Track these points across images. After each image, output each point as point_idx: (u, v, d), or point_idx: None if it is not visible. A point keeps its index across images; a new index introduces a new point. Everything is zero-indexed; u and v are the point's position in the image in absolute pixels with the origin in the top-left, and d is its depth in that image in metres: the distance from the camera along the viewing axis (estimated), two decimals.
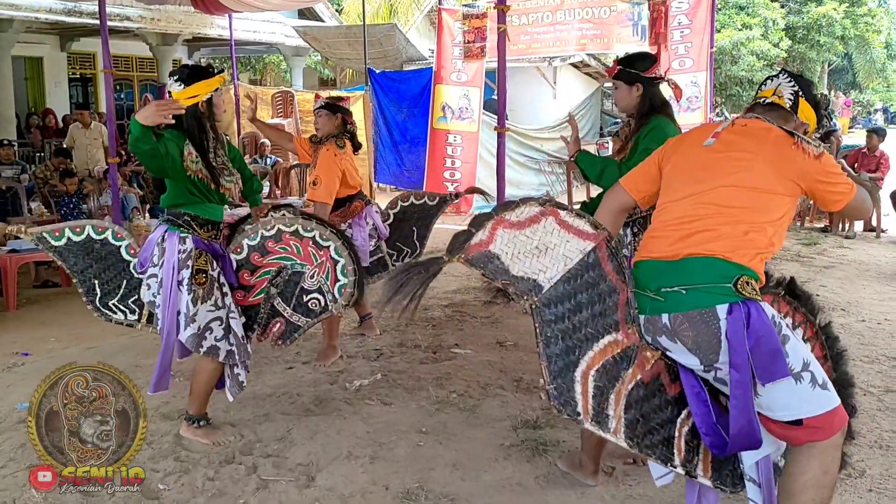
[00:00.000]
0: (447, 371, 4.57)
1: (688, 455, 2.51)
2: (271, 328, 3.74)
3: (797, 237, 9.39)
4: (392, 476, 3.25)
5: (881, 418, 3.85)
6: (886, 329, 5.45)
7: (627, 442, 2.43)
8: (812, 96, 2.60)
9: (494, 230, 2.31)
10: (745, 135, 2.50)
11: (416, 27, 18.89)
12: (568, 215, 2.38)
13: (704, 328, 2.30)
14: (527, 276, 2.34)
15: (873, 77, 31.23)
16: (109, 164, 7.08)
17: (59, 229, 3.60)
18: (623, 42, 11.00)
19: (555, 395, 2.34)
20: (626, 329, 2.43)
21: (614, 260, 2.42)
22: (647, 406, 2.46)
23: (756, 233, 2.37)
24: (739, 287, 2.30)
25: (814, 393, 2.28)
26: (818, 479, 2.30)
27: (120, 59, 16.70)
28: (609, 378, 2.40)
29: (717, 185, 2.42)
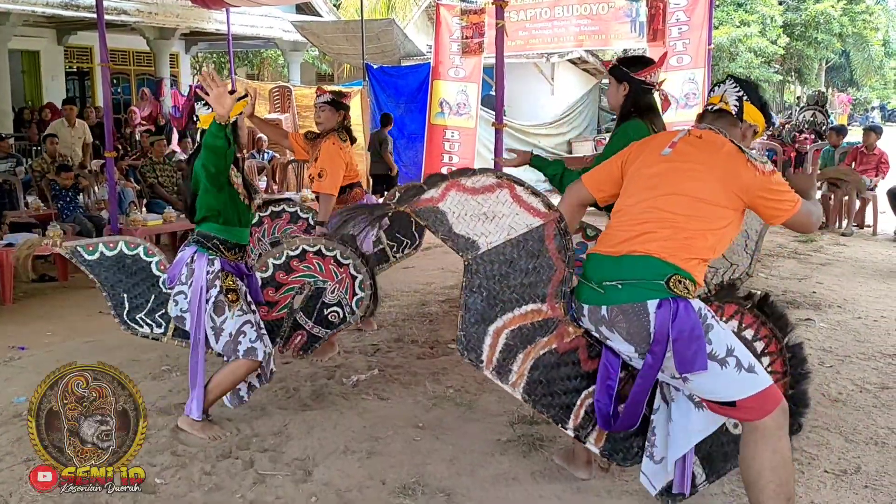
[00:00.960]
0: (444, 366, 4.58)
1: (583, 422, 2.75)
2: (293, 340, 3.97)
3: (794, 234, 9.39)
4: (388, 470, 3.25)
5: (877, 415, 3.86)
6: (882, 326, 5.46)
7: (524, 396, 2.67)
8: (758, 98, 2.73)
9: (448, 190, 2.50)
10: (699, 147, 2.63)
11: (413, 22, 18.86)
12: (523, 191, 2.54)
13: (636, 320, 2.48)
14: (467, 236, 2.53)
15: (871, 74, 31.28)
16: (106, 157, 7.05)
17: (92, 244, 3.75)
18: (621, 38, 11.00)
19: (462, 341, 2.60)
20: (552, 303, 2.63)
21: (560, 240, 2.59)
22: (554, 372, 2.68)
23: (695, 239, 2.51)
24: (671, 285, 2.46)
25: (740, 376, 2.44)
26: (770, 459, 2.43)
27: (117, 53, 16.64)
28: (522, 340, 2.62)
29: (666, 192, 2.57)
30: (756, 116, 2.73)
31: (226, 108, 3.24)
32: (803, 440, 3.49)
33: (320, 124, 4.83)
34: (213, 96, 3.23)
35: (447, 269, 7.42)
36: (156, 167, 9.16)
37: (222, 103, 3.23)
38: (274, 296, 3.83)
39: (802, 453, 3.38)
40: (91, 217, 7.73)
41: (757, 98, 2.73)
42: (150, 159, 9.31)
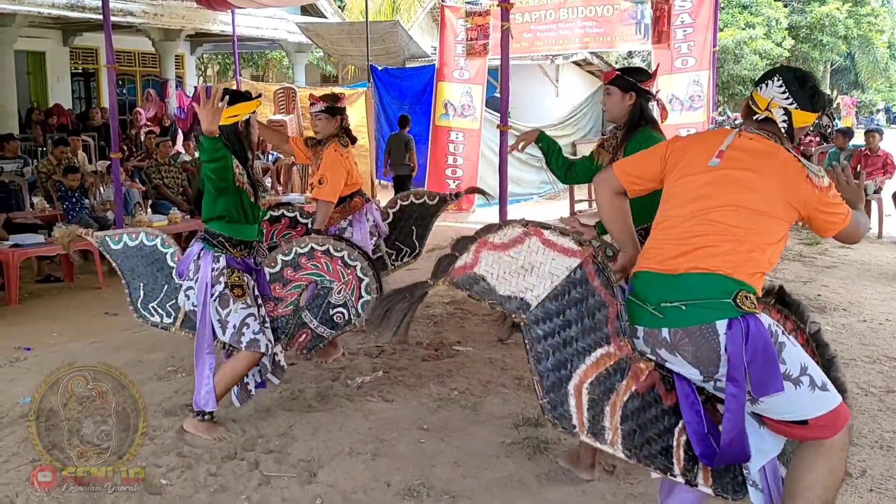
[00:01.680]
0: (449, 368, 4.58)
1: (687, 464, 2.52)
2: (297, 338, 3.96)
3: (799, 237, 9.39)
4: (394, 473, 3.26)
5: (882, 419, 3.85)
6: (888, 329, 5.45)
7: (625, 453, 2.46)
8: (808, 96, 2.52)
9: (479, 252, 2.40)
10: (752, 153, 2.46)
11: (418, 24, 18.87)
12: (551, 234, 2.44)
13: (704, 343, 2.31)
14: (514, 295, 2.41)
15: (876, 77, 31.21)
16: (112, 159, 7.08)
17: (118, 234, 3.84)
18: (626, 40, 11.00)
19: (549, 408, 2.40)
20: (618, 341, 2.46)
21: (602, 275, 2.46)
22: (643, 417, 2.48)
23: (758, 252, 2.38)
24: (739, 302, 2.30)
25: (814, 395, 2.30)
26: (823, 478, 2.32)
27: (122, 54, 16.68)
28: (603, 390, 2.44)
29: (723, 203, 2.40)
30: (806, 118, 2.53)
31: (213, 125, 3.28)
32: None
33: (318, 133, 4.79)
34: (206, 110, 3.25)
35: None
36: (161, 168, 9.18)
37: (211, 119, 3.26)
38: (281, 292, 3.85)
39: None
40: (97, 218, 7.74)
41: (807, 97, 2.51)
42: (156, 160, 9.33)
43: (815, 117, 2.55)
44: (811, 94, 2.51)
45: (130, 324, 5.51)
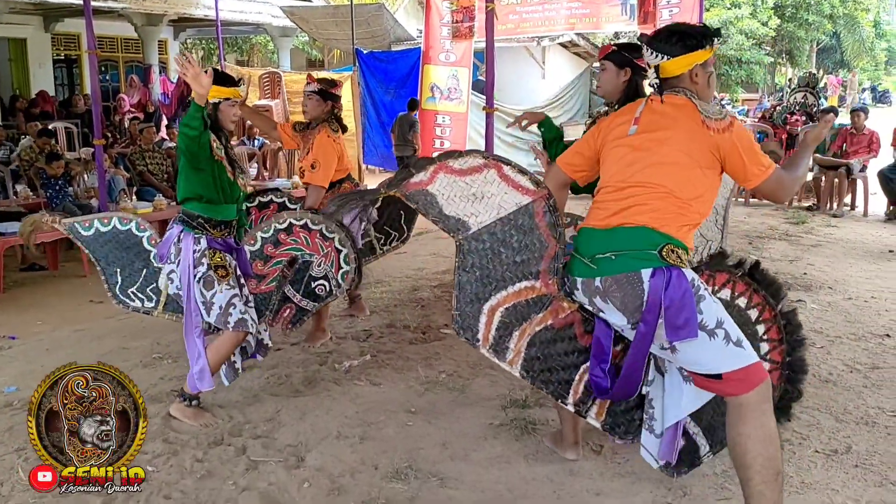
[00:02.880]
0: (436, 351, 4.58)
1: (583, 397, 2.77)
2: (282, 313, 4.00)
3: (785, 216, 9.43)
4: (381, 455, 3.25)
5: (867, 395, 3.87)
6: (873, 307, 5.48)
7: (521, 373, 2.71)
8: (672, 42, 2.61)
9: (436, 173, 2.55)
10: (663, 113, 2.63)
11: (404, 7, 18.75)
12: (511, 170, 2.59)
13: (630, 289, 2.50)
14: (458, 217, 2.59)
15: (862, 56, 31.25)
16: (95, 145, 7.01)
17: (88, 220, 3.79)
18: (612, 21, 10.98)
19: (458, 320, 2.64)
20: (546, 279, 2.66)
21: (550, 216, 2.62)
22: (551, 348, 2.71)
23: (685, 206, 2.54)
24: (664, 254, 2.49)
25: (727, 349, 2.46)
26: (756, 433, 2.45)
27: (105, 40, 16.52)
28: (517, 317, 2.65)
29: (646, 164, 2.58)
30: (686, 61, 2.61)
31: (204, 87, 3.28)
32: (794, 421, 3.50)
33: (306, 112, 4.77)
34: (189, 77, 3.26)
35: (439, 254, 7.41)
36: (145, 155, 9.10)
37: (200, 82, 3.26)
38: (263, 269, 3.84)
39: (793, 433, 3.40)
40: (81, 205, 7.67)
41: (670, 44, 2.62)
42: (140, 147, 9.25)
43: (699, 55, 2.60)
44: (676, 39, 2.62)
45: (115, 311, 5.46)
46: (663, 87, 2.67)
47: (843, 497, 2.91)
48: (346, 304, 5.41)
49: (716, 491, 2.95)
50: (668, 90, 2.65)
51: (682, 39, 2.62)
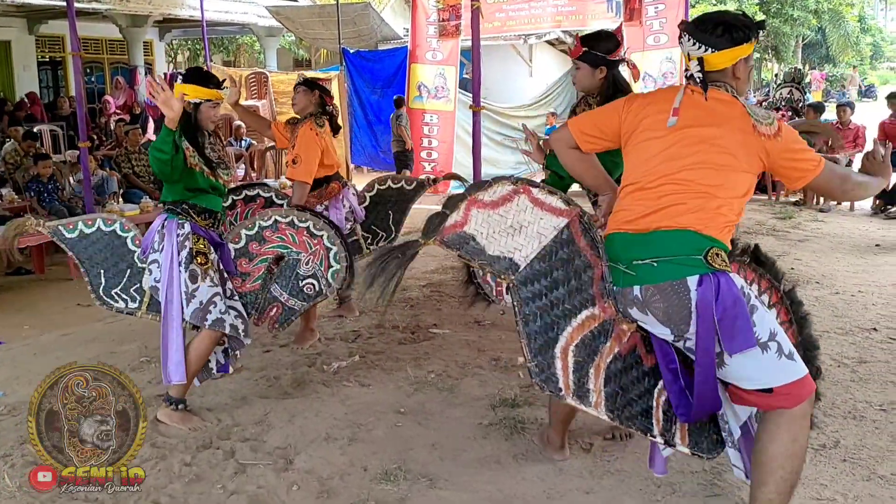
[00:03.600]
0: (425, 351, 4.57)
1: (665, 424, 2.56)
2: (268, 313, 3.90)
3: (772, 211, 9.46)
4: (370, 457, 3.24)
5: (855, 389, 3.89)
6: (860, 301, 5.51)
7: (608, 415, 2.47)
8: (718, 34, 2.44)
9: (469, 210, 2.35)
10: (707, 108, 2.45)
11: (390, 6, 18.70)
12: (540, 192, 2.41)
13: (675, 299, 2.34)
14: (503, 255, 2.38)
15: (847, 50, 31.40)
16: (80, 148, 6.97)
17: (72, 223, 3.75)
18: (598, 18, 11.01)
19: (536, 371, 2.39)
20: (602, 303, 2.46)
21: (588, 235, 2.45)
22: (625, 378, 2.50)
23: (726, 207, 2.39)
24: (710, 259, 2.33)
25: (780, 363, 2.33)
26: (788, 447, 2.35)
27: (90, 41, 16.40)
28: (588, 352, 2.44)
29: (688, 162, 2.41)
30: (732, 54, 2.45)
31: (175, 112, 3.23)
32: None
33: (295, 106, 4.78)
34: (160, 102, 3.22)
35: (428, 253, 7.36)
36: (131, 157, 9.06)
37: (170, 106, 3.22)
38: (247, 266, 3.79)
39: None
40: (69, 208, 7.64)
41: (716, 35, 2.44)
42: (126, 149, 9.21)
43: (745, 49, 2.46)
44: (722, 30, 2.44)
45: (103, 315, 5.44)
46: (706, 81, 2.47)
47: (831, 491, 2.92)
48: (335, 304, 5.40)
49: (705, 487, 2.95)
50: (711, 84, 2.47)
51: (729, 31, 2.44)
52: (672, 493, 2.92)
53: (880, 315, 5.14)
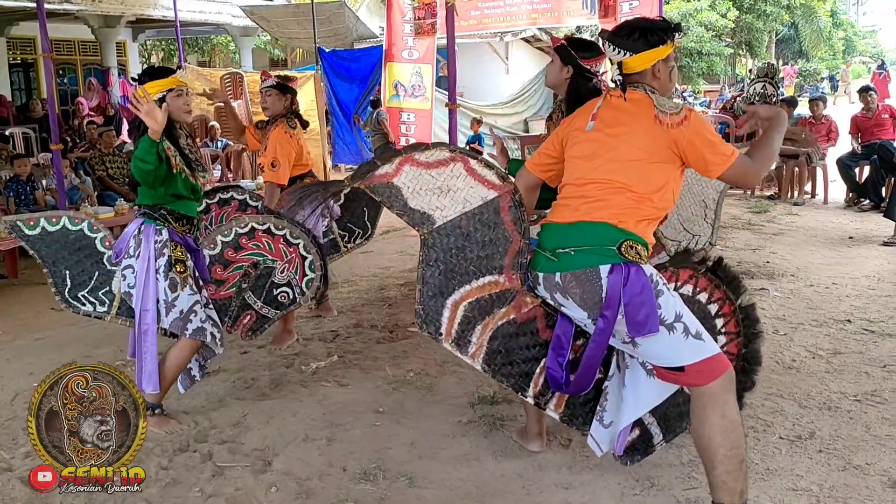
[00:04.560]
0: (404, 350, 4.56)
1: (543, 390, 2.80)
2: (241, 320, 3.85)
3: (747, 205, 9.53)
4: (349, 457, 3.23)
5: (829, 380, 3.93)
6: (834, 293, 5.56)
7: (483, 367, 2.73)
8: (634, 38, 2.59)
9: (402, 165, 2.51)
10: (620, 108, 2.62)
11: (366, 5, 18.67)
12: (477, 164, 2.57)
13: (589, 286, 2.51)
14: (423, 210, 2.56)
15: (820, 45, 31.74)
16: (53, 150, 6.90)
17: (34, 218, 3.63)
18: (573, 15, 10.99)
19: (421, 315, 2.65)
20: (510, 274, 2.67)
21: (515, 211, 2.62)
22: (513, 342, 2.74)
23: (640, 201, 2.54)
24: (623, 250, 2.50)
25: (687, 342, 2.48)
26: (719, 423, 2.46)
27: (62, 42, 16.24)
28: (480, 311, 2.67)
29: (603, 161, 2.58)
30: (649, 56, 2.60)
31: (159, 123, 3.21)
32: (758, 408, 3.55)
33: (266, 109, 4.75)
34: (143, 113, 3.21)
35: (406, 252, 7.39)
36: (105, 159, 8.97)
37: (154, 118, 3.20)
38: (222, 274, 3.72)
39: (757, 420, 3.44)
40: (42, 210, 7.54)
41: (632, 40, 2.60)
42: (99, 151, 9.11)
43: (662, 51, 2.59)
44: (638, 34, 2.60)
45: (77, 319, 5.34)
46: (626, 84, 2.65)
47: (807, 482, 2.95)
48: (313, 304, 5.37)
49: (682, 481, 2.97)
50: (629, 86, 2.64)
51: (644, 35, 2.60)
52: (651, 487, 2.93)
53: (854, 307, 5.20)
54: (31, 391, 3.86)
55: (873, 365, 4.12)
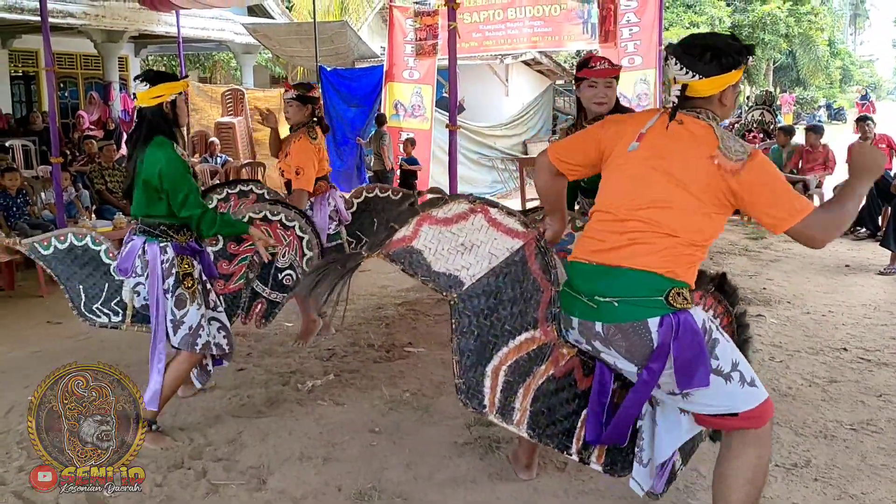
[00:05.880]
0: (400, 370, 4.56)
1: (585, 444, 2.59)
2: (254, 310, 4.03)
3: (744, 231, 9.56)
4: (345, 476, 3.22)
5: (825, 408, 3.93)
6: (830, 321, 5.57)
7: (528, 433, 2.49)
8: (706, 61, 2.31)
9: (419, 226, 2.33)
10: (677, 139, 2.35)
11: (367, 24, 18.79)
12: (498, 213, 2.38)
13: (637, 339, 2.31)
14: (448, 273, 2.34)
15: (817, 74, 32.00)
16: (52, 163, 6.91)
17: (46, 239, 3.72)
18: (574, 39, 11.09)
19: (462, 389, 2.38)
20: (545, 327, 2.45)
21: (542, 258, 2.43)
22: (554, 399, 2.51)
23: (688, 248, 2.33)
24: (671, 300, 2.29)
25: (743, 391, 2.35)
26: (753, 463, 2.38)
27: (64, 56, 16.29)
28: (521, 374, 2.43)
29: (653, 199, 2.33)
30: (720, 82, 2.32)
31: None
32: None
33: (289, 119, 4.96)
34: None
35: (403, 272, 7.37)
36: (104, 173, 8.98)
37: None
38: (228, 268, 3.85)
39: None
40: (38, 224, 7.53)
41: (703, 62, 2.31)
42: (99, 164, 9.13)
43: (733, 76, 2.33)
44: (710, 56, 2.32)
45: (74, 332, 5.39)
46: (683, 105, 2.37)
47: None
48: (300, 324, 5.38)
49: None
50: (688, 110, 2.37)
51: (718, 57, 2.31)
52: None
53: (850, 335, 5.21)
54: (26, 404, 3.87)
55: (869, 394, 4.13)
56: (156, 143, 3.38)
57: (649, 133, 2.39)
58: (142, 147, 3.42)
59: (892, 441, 3.55)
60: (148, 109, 3.43)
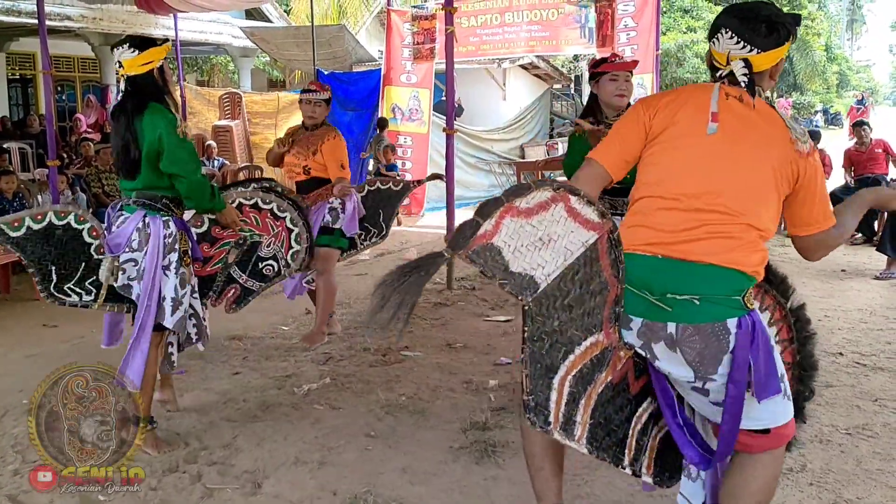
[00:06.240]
0: (396, 374, 4.55)
1: (636, 454, 2.37)
2: (226, 294, 3.98)
3: None
4: (340, 481, 3.22)
5: (821, 413, 3.93)
6: (826, 326, 5.58)
7: (587, 447, 2.26)
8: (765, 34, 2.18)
9: (502, 219, 2.00)
10: (747, 121, 2.19)
11: (365, 28, 18.81)
12: (578, 202, 2.08)
13: (715, 342, 2.09)
14: (524, 273, 2.05)
15: (814, 79, 32.05)
16: (49, 167, 6.91)
17: (18, 219, 3.47)
18: (571, 44, 11.13)
19: (531, 406, 2.13)
20: (608, 328, 2.19)
21: (612, 253, 2.14)
22: (610, 408, 2.28)
23: (763, 240, 2.18)
24: (746, 300, 2.13)
25: (784, 403, 2.21)
26: (769, 483, 2.25)
27: (61, 59, 16.30)
28: (583, 383, 2.20)
29: (732, 186, 2.15)
30: (776, 55, 2.20)
31: None
32: None
33: (313, 118, 5.10)
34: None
35: None
36: (101, 176, 8.98)
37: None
38: (209, 251, 3.78)
39: None
40: None
41: (763, 35, 2.17)
42: (96, 168, 9.12)
43: (786, 49, 2.22)
44: (767, 29, 2.19)
45: (69, 335, 5.38)
46: (753, 86, 2.21)
47: None
48: (313, 325, 5.38)
49: None
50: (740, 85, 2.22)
51: (776, 30, 2.18)
52: None
53: (846, 340, 5.22)
54: (21, 408, 3.86)
55: (864, 399, 4.13)
56: (152, 109, 3.33)
57: (722, 114, 2.20)
58: (138, 116, 3.34)
59: (887, 445, 3.55)
60: (139, 77, 3.37)
